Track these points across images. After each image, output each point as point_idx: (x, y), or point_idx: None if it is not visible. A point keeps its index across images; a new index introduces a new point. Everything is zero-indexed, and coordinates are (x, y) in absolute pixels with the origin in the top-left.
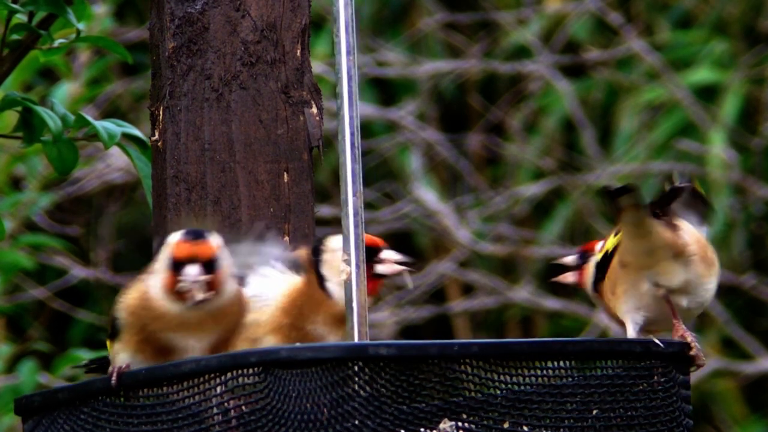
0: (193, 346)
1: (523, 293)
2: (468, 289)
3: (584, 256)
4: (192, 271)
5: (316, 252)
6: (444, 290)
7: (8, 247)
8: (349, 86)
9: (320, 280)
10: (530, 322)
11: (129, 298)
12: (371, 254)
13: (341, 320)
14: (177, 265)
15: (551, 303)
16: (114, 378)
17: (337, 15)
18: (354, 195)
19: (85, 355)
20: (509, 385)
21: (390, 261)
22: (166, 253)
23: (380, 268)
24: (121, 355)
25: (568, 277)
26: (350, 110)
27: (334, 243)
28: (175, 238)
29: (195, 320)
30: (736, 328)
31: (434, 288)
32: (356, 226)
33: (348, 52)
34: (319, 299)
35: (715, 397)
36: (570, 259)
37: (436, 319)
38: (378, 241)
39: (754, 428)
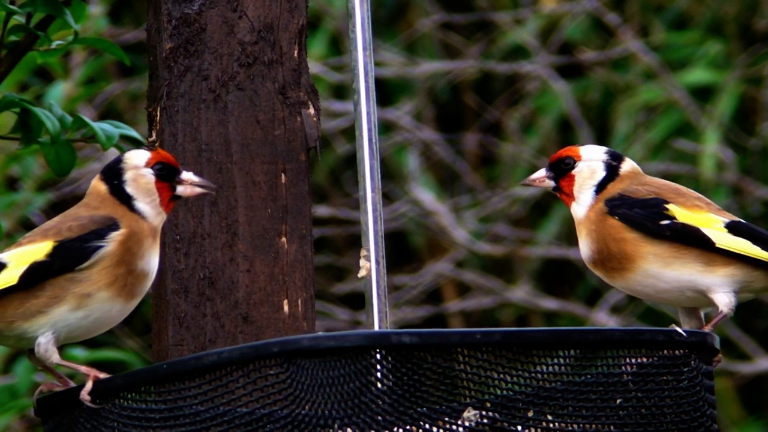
0: None
1: (519, 293)
2: (465, 289)
3: (560, 167)
4: None
5: None
6: (441, 290)
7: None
8: (366, 82)
9: None
10: (526, 322)
11: None
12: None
13: None
14: None
15: (548, 303)
16: (86, 390)
17: (353, 11)
18: (372, 191)
19: (81, 354)
20: (532, 374)
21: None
22: None
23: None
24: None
25: (545, 182)
26: (367, 106)
27: None
28: None
29: None
30: (733, 328)
31: (431, 288)
32: (375, 222)
33: (364, 48)
34: None
35: None
36: (541, 173)
37: (433, 319)
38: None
39: (751, 429)
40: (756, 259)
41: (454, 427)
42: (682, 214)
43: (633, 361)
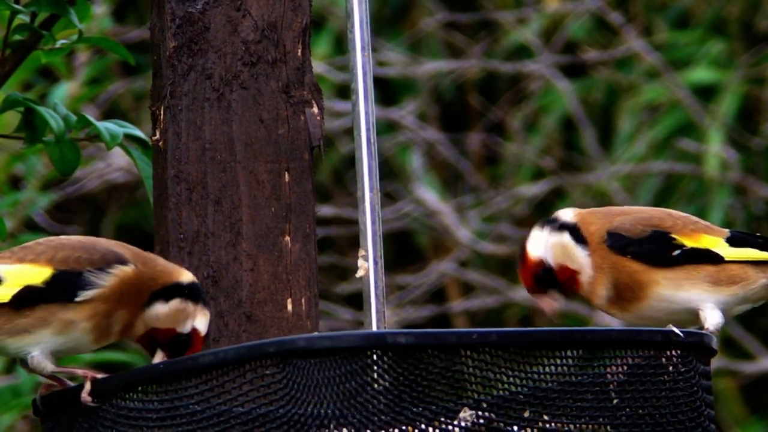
0: None
1: (523, 293)
2: (468, 289)
3: (542, 279)
4: None
5: None
6: (444, 290)
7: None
8: (364, 82)
9: None
10: (530, 321)
11: None
12: None
13: None
14: None
15: None
16: (86, 391)
17: (351, 11)
18: (371, 191)
19: (85, 356)
20: (529, 374)
21: None
22: None
23: None
24: None
25: (556, 302)
26: (366, 106)
27: None
28: None
29: None
30: (736, 327)
31: (435, 288)
32: (373, 223)
33: (362, 48)
34: None
35: (716, 396)
36: (547, 301)
37: (437, 319)
38: None
39: (755, 428)
40: (756, 271)
41: (450, 427)
42: (688, 240)
43: (631, 361)
